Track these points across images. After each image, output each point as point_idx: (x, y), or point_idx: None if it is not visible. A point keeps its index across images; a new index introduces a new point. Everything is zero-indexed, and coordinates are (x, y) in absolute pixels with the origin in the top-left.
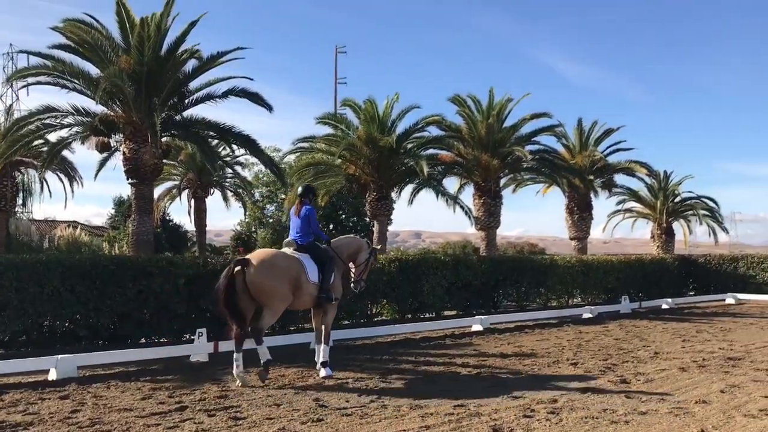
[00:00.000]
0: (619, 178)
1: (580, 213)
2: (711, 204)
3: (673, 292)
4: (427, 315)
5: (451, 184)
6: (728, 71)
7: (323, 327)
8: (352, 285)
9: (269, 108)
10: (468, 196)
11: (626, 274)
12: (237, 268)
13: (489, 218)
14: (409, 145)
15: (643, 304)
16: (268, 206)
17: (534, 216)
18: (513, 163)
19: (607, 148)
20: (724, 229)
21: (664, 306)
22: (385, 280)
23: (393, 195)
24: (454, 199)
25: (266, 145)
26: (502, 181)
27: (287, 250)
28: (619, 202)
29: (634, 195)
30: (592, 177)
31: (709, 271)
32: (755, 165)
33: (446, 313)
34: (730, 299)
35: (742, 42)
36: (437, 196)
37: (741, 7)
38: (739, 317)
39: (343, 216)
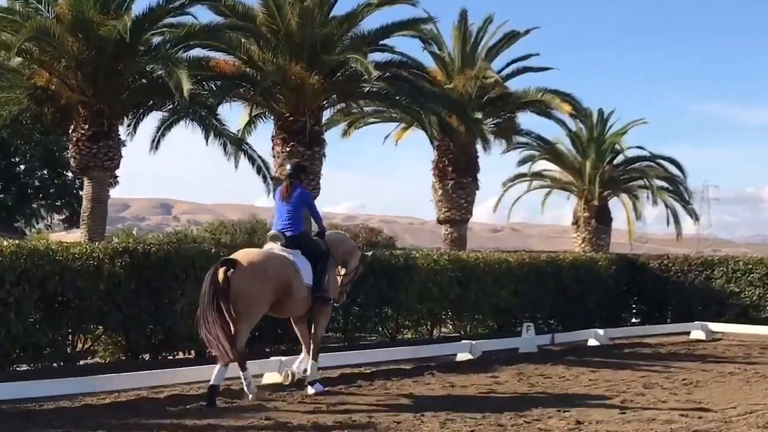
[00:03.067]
0: (526, 120)
1: (458, 177)
2: (673, 170)
3: (607, 317)
4: (181, 355)
5: (233, 115)
6: None
7: (312, 338)
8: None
9: None
10: (264, 138)
11: (531, 286)
12: (222, 270)
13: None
14: (156, 39)
15: (558, 337)
16: None
17: (378, 181)
18: (346, 83)
19: (508, 65)
20: (692, 213)
21: (592, 341)
22: (102, 289)
23: (123, 131)
24: (237, 144)
25: None
26: (326, 116)
27: (275, 248)
28: (522, 161)
29: (549, 150)
30: (480, 115)
31: (667, 282)
32: (749, 108)
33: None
34: (698, 331)
35: None
36: (207, 137)
37: None
38: (712, 362)
39: (22, 167)
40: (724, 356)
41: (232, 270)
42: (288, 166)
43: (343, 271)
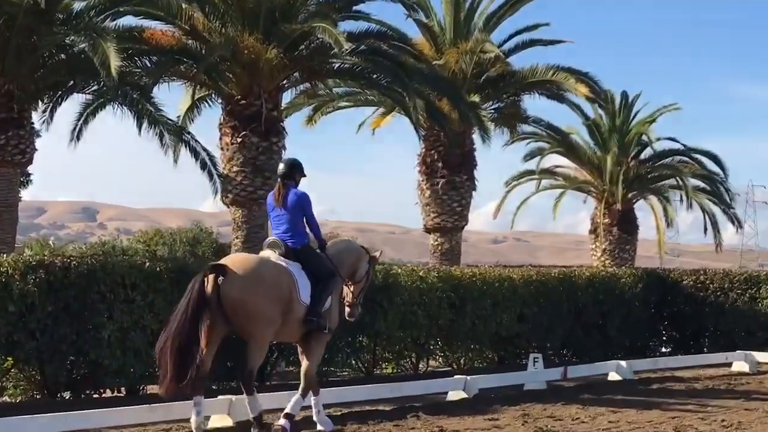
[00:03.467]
0: (533, 105)
1: (450, 175)
2: (711, 167)
3: (632, 345)
4: (110, 393)
5: (173, 98)
6: None
7: (303, 371)
8: (347, 311)
9: None
10: (210, 127)
11: (539, 309)
12: (211, 278)
13: (253, 178)
14: (78, 6)
15: (572, 370)
16: None
17: (352, 181)
18: (311, 58)
19: (511, 37)
20: (734, 220)
21: (614, 375)
22: (11, 312)
23: (37, 118)
24: (177, 133)
25: None
26: (287, 99)
27: (271, 255)
28: (529, 156)
29: (562, 141)
30: (477, 98)
31: (704, 303)
32: None
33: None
34: (741, 362)
35: None
36: (140, 125)
37: None
38: (757, 399)
39: None
40: None
41: (222, 278)
42: (281, 165)
43: (349, 293)
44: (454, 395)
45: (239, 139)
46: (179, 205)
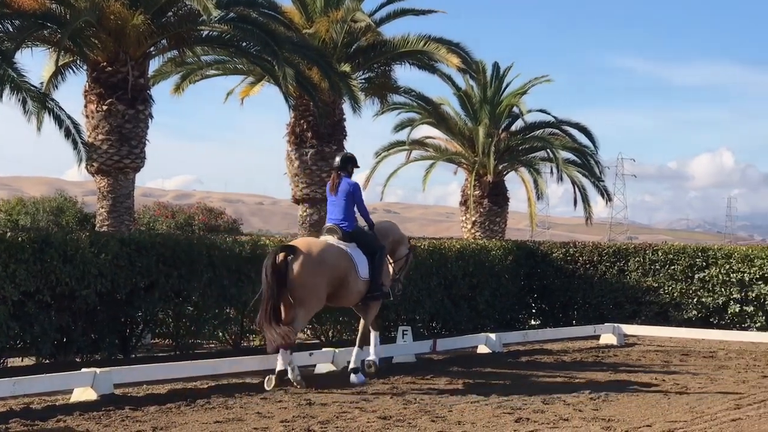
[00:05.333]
0: (405, 75)
1: (320, 145)
2: (582, 140)
3: (502, 318)
4: None
5: (36, 64)
6: None
7: (361, 327)
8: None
9: None
10: (75, 94)
11: (409, 281)
12: (282, 255)
13: (119, 146)
14: None
15: (441, 343)
16: None
17: (219, 151)
18: (178, 25)
19: (382, 6)
20: (604, 193)
21: (483, 348)
22: None
23: None
24: (40, 101)
25: None
26: (154, 66)
27: (332, 240)
28: (400, 126)
29: (433, 112)
30: (347, 67)
31: (573, 276)
32: (673, 65)
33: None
34: (609, 335)
35: None
36: (1, 91)
37: None
38: (624, 372)
39: None
40: (638, 365)
41: (291, 256)
42: (337, 158)
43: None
44: (322, 368)
45: (105, 107)
46: (43, 174)
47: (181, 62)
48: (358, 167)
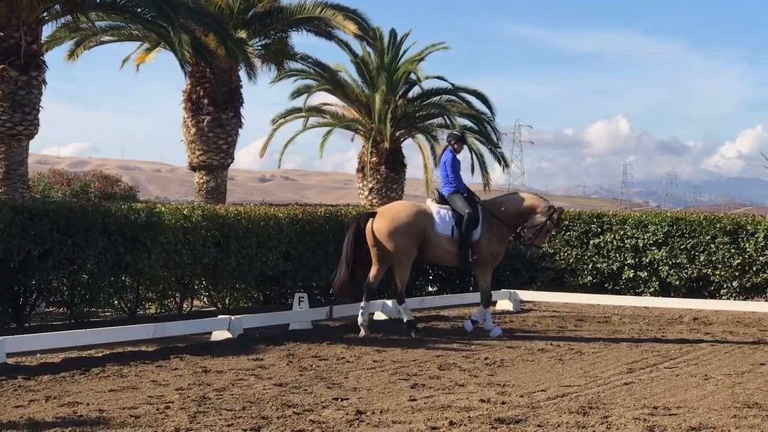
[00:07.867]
0: (302, 42)
1: (217, 112)
2: (479, 106)
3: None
4: None
5: None
6: None
7: (480, 289)
8: (522, 249)
9: None
10: None
11: (306, 249)
12: (369, 221)
13: (11, 113)
14: None
15: (337, 310)
16: None
17: (115, 118)
18: None
19: None
20: (501, 159)
21: (379, 315)
22: None
23: None
24: None
25: None
26: (47, 32)
27: (426, 201)
28: (297, 93)
29: (330, 79)
30: (243, 34)
31: None
32: (568, 32)
33: None
34: (505, 301)
35: None
36: None
37: None
38: (520, 338)
39: None
40: (534, 330)
41: (372, 219)
42: (447, 135)
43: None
44: (218, 335)
45: None
46: None
47: (75, 28)
48: (465, 143)
